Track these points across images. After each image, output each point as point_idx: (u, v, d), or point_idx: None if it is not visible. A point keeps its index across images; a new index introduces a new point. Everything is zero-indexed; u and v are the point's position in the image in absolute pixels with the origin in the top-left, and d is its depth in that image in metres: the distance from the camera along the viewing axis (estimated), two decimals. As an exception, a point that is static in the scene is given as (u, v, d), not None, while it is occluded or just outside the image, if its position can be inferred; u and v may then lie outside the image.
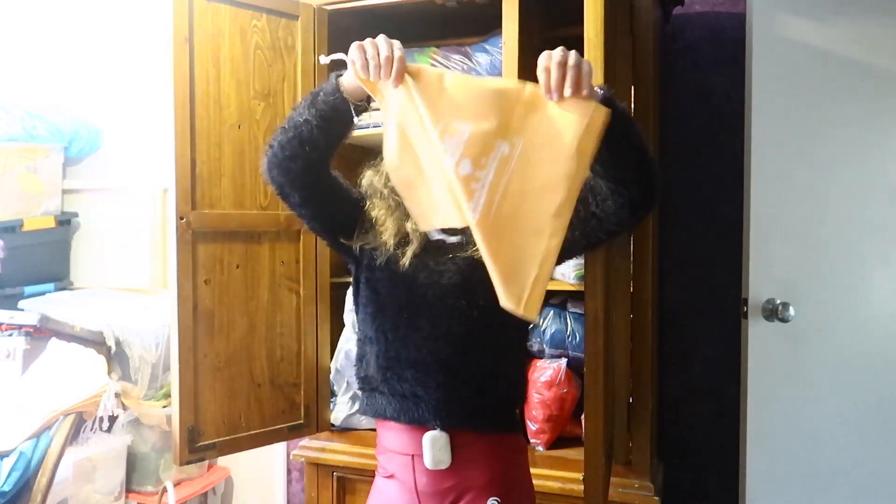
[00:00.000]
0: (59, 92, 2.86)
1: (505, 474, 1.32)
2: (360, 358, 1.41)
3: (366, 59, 1.14)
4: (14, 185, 2.60)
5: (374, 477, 1.44)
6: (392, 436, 1.35)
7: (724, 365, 2.19)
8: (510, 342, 1.37)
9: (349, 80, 1.21)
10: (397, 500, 1.34)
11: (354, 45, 1.17)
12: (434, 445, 1.28)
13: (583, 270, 1.57)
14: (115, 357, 2.32)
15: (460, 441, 1.29)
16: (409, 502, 1.32)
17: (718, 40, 2.22)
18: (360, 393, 1.43)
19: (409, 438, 1.31)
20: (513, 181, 1.10)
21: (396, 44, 1.15)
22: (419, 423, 1.30)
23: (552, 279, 1.94)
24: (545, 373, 1.90)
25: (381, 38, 1.16)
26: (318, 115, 1.23)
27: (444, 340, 1.28)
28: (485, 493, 1.29)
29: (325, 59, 1.29)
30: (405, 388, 1.31)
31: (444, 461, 1.28)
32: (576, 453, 1.87)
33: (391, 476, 1.36)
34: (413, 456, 1.31)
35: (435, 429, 1.28)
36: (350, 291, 2.07)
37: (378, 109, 1.23)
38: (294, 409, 1.97)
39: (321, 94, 1.24)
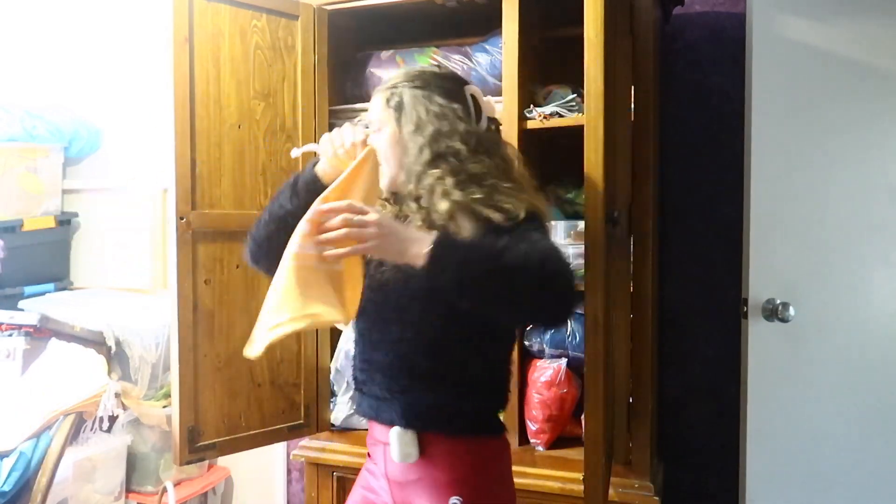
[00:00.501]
0: (59, 92, 2.85)
1: (473, 477, 1.31)
2: (353, 358, 1.46)
3: (334, 149, 1.30)
4: (14, 185, 2.60)
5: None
6: (373, 426, 1.41)
7: (724, 365, 2.19)
8: (482, 347, 1.34)
9: (323, 167, 1.35)
10: (374, 483, 1.40)
11: (324, 139, 1.33)
12: (400, 440, 1.30)
13: (583, 270, 1.57)
14: (115, 357, 2.32)
15: (428, 439, 1.31)
16: (382, 486, 1.37)
17: (718, 40, 2.22)
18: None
19: (384, 430, 1.35)
20: (313, 273, 1.19)
21: (360, 128, 1.31)
22: (389, 424, 1.33)
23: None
24: (545, 373, 1.90)
25: (347, 126, 1.32)
26: (302, 205, 1.29)
27: (409, 345, 1.30)
28: (448, 492, 1.29)
29: (296, 152, 1.49)
30: (376, 390, 1.35)
31: (412, 455, 1.30)
32: (576, 453, 1.87)
33: (374, 461, 1.42)
34: (385, 445, 1.34)
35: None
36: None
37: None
38: (294, 409, 1.97)
39: (300, 182, 1.37)
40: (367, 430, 2.01)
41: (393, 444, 1.30)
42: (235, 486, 2.74)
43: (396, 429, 1.30)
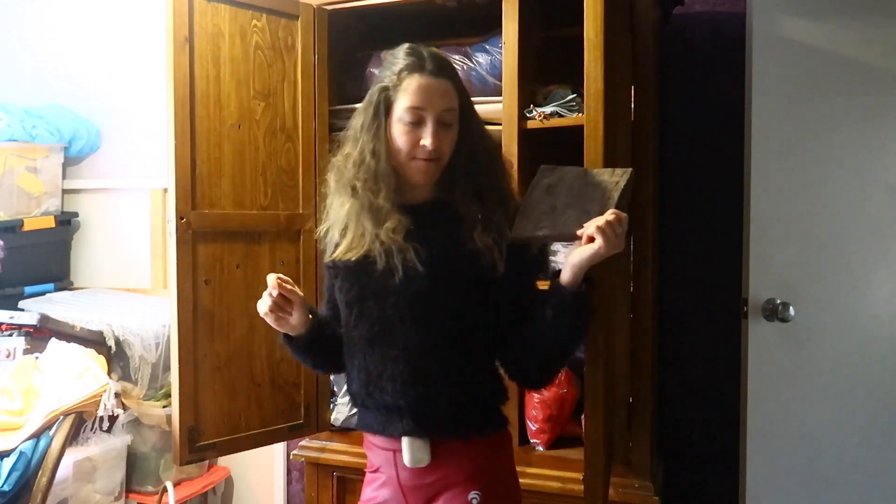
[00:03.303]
0: (59, 92, 2.86)
1: (487, 469, 1.33)
2: (347, 373, 1.41)
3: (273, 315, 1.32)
4: (14, 185, 2.60)
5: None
6: (377, 437, 1.37)
7: (724, 365, 2.18)
8: (481, 346, 1.34)
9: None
10: (384, 493, 1.36)
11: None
12: (412, 446, 1.30)
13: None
14: (115, 357, 2.32)
15: (439, 441, 1.30)
16: (394, 493, 1.35)
17: (718, 40, 2.22)
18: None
19: (392, 440, 1.33)
20: None
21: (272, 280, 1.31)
22: (400, 434, 1.31)
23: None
24: (545, 373, 1.90)
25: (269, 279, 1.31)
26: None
27: (420, 351, 1.28)
28: (466, 488, 1.30)
29: None
30: (387, 400, 1.31)
31: (423, 460, 1.30)
32: (576, 453, 1.87)
33: (377, 470, 1.38)
34: (394, 451, 1.33)
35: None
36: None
37: None
38: (294, 409, 1.97)
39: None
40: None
41: (405, 451, 1.30)
42: (235, 486, 2.74)
43: (408, 437, 1.30)
